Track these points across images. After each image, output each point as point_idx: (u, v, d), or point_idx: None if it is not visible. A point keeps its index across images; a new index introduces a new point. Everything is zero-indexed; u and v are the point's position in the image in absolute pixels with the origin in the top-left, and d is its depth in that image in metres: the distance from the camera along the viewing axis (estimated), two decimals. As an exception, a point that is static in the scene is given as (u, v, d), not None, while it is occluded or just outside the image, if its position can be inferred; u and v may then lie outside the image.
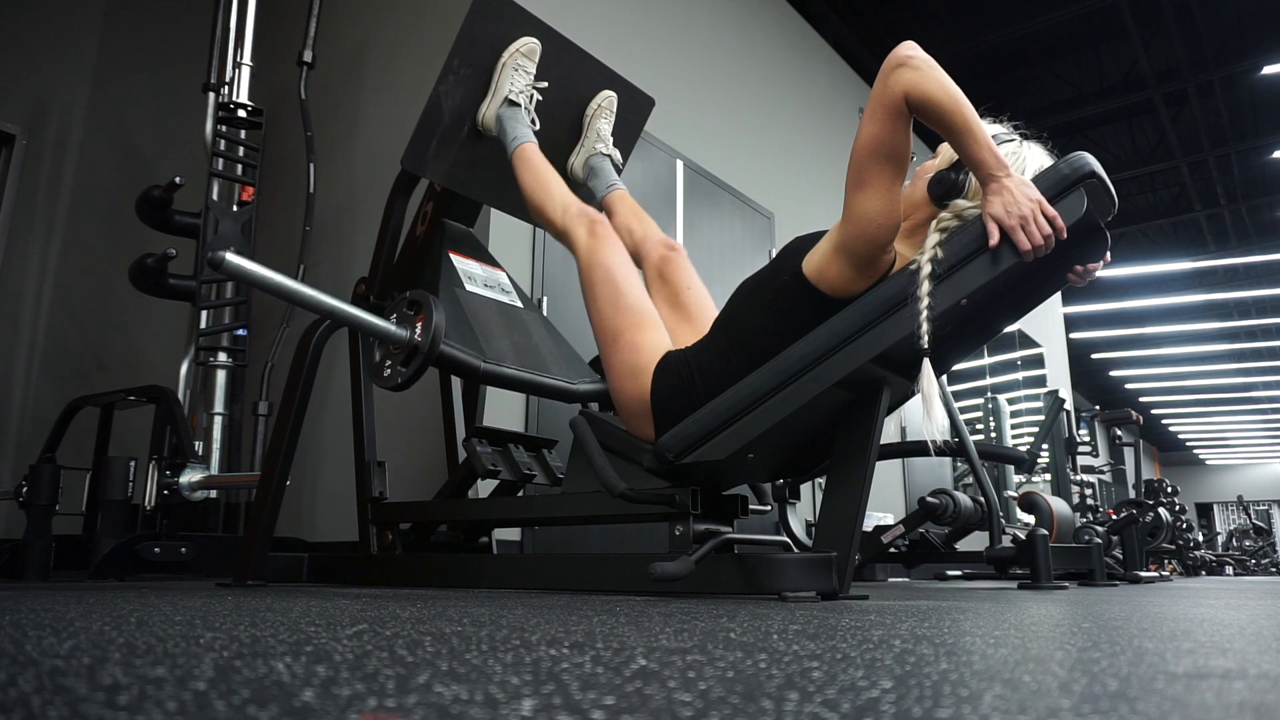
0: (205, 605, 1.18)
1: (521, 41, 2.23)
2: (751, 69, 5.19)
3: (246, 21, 3.62)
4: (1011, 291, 1.68)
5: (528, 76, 2.24)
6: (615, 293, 1.83)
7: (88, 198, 4.00)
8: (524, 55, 2.23)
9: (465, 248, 2.48)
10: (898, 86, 1.50)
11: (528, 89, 2.24)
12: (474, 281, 2.39)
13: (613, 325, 1.82)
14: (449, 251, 2.40)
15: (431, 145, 2.20)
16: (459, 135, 2.24)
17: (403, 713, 0.40)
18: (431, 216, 2.46)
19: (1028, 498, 4.67)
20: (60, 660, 0.55)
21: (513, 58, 2.22)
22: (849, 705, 0.44)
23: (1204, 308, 13.39)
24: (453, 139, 2.23)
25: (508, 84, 2.21)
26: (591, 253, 1.88)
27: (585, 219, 1.94)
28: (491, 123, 2.22)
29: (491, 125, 2.22)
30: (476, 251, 2.51)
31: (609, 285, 1.84)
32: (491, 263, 2.52)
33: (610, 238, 1.91)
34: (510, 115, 2.19)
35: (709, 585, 1.72)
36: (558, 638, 0.76)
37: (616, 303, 1.83)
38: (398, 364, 1.99)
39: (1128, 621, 1.14)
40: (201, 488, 2.70)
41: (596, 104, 2.44)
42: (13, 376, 3.70)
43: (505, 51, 2.23)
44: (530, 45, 2.24)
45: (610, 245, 1.89)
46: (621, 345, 1.80)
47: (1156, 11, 7.12)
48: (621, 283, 1.84)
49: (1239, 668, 0.64)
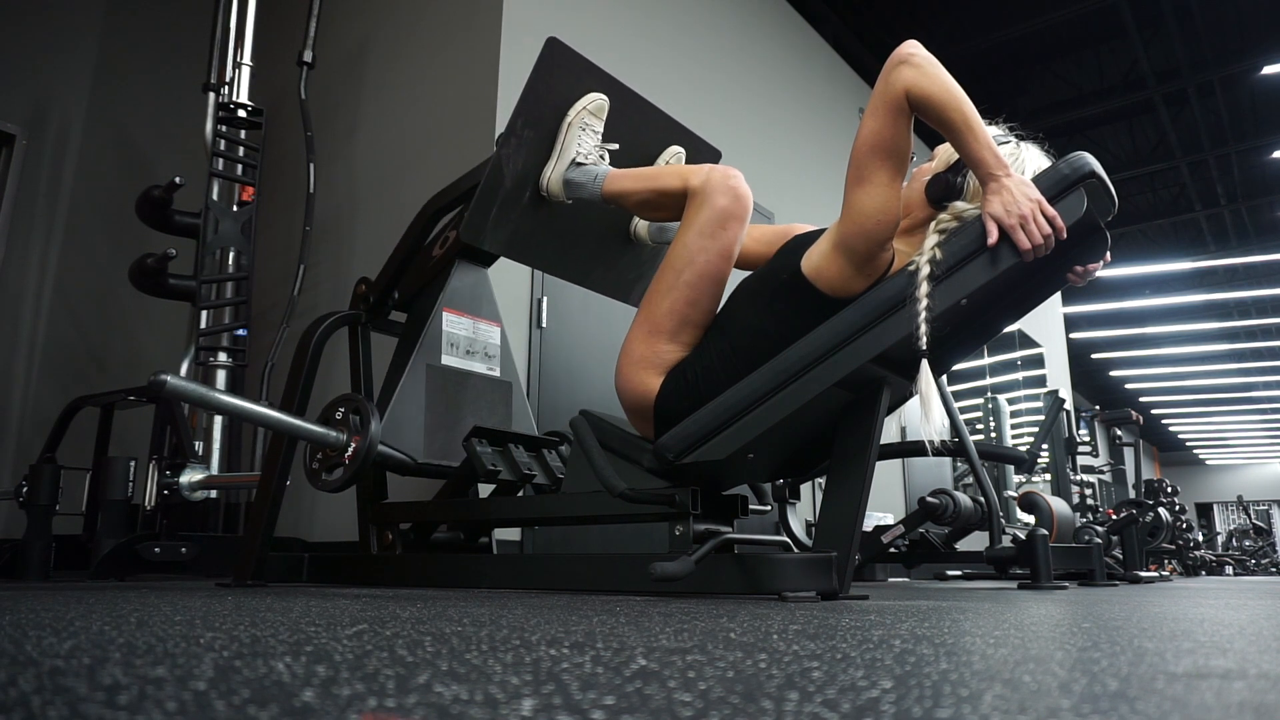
0: (205, 605, 1.18)
1: (589, 99, 2.06)
2: (751, 69, 5.19)
3: (246, 21, 3.62)
4: (1011, 292, 1.68)
5: (596, 136, 2.07)
6: (693, 297, 1.74)
7: (88, 198, 4.00)
8: (591, 113, 2.06)
9: (464, 301, 2.46)
10: (899, 83, 1.51)
11: (596, 150, 2.06)
12: (455, 349, 2.38)
13: (661, 321, 1.75)
14: (444, 309, 2.39)
15: (492, 213, 2.05)
16: (520, 201, 2.08)
17: (403, 713, 0.40)
18: (451, 245, 2.41)
19: (1028, 498, 4.67)
20: (60, 660, 0.55)
21: (579, 116, 2.04)
22: (849, 705, 0.44)
23: (1204, 308, 13.39)
24: (514, 206, 2.07)
25: (574, 145, 2.04)
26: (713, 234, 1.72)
27: (728, 187, 1.75)
28: (558, 187, 2.05)
29: (558, 190, 2.05)
30: (475, 306, 2.49)
31: (695, 288, 1.73)
32: (489, 318, 2.52)
33: (741, 220, 1.75)
34: (579, 173, 2.03)
35: (709, 585, 1.72)
36: (558, 638, 0.76)
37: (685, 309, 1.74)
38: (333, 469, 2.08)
39: (1128, 621, 1.14)
40: (201, 488, 2.70)
41: (664, 160, 2.30)
42: (13, 376, 3.70)
43: (571, 110, 2.05)
44: (599, 102, 2.07)
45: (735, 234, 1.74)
46: (651, 339, 1.76)
47: (1156, 11, 7.12)
48: (706, 292, 1.74)
49: (1239, 668, 0.64)
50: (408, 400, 2.27)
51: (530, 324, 3.32)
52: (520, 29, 3.46)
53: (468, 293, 2.49)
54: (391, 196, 3.61)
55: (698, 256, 1.73)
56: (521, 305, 3.30)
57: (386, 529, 2.32)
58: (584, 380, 3.47)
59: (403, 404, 2.26)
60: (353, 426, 2.04)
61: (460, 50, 3.58)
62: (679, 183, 1.83)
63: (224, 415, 1.91)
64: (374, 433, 2.00)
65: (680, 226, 1.81)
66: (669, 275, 1.75)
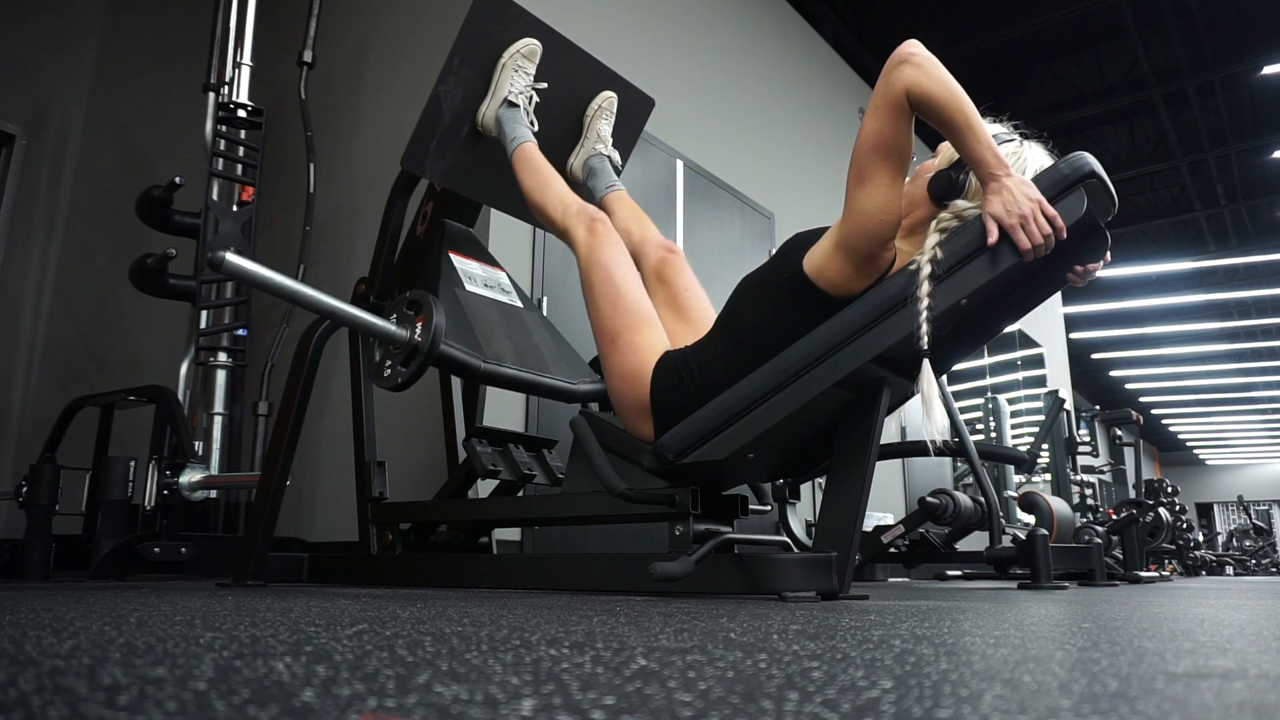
0: (205, 605, 1.18)
1: (522, 42, 2.23)
2: (751, 69, 5.19)
3: (246, 21, 3.62)
4: (1011, 291, 1.68)
5: (527, 77, 2.24)
6: (614, 293, 1.83)
7: (88, 198, 4.00)
8: (524, 56, 2.23)
9: (465, 247, 2.48)
10: (900, 83, 1.51)
11: (527, 90, 2.24)
12: (474, 281, 2.39)
13: (611, 326, 1.82)
14: (449, 251, 2.40)
15: (431, 146, 2.20)
16: (459, 136, 2.24)
17: (403, 713, 0.40)
18: (431, 216, 2.46)
19: (1028, 498, 4.67)
20: (60, 660, 0.55)
21: (513, 58, 2.22)
22: (849, 705, 0.44)
23: (1204, 308, 13.39)
24: (452, 139, 2.23)
25: (507, 85, 2.21)
26: (591, 252, 1.88)
27: (585, 217, 1.94)
28: (491, 123, 2.22)
29: (491, 126, 2.22)
30: (476, 251, 2.51)
31: (608, 286, 1.84)
32: (491, 263, 2.52)
33: (610, 237, 1.91)
34: (509, 116, 2.19)
35: (709, 585, 1.72)
36: (558, 638, 0.76)
37: (615, 303, 1.83)
38: (398, 364, 1.99)
39: (1128, 621, 1.14)
40: (201, 488, 2.70)
41: (596, 105, 2.44)
42: (13, 376, 3.70)
43: (505, 52, 2.22)
44: (530, 46, 2.24)
45: (610, 245, 1.89)
46: (620, 346, 1.80)
47: (1156, 11, 7.12)
48: (620, 283, 1.84)
49: (1239, 668, 0.64)
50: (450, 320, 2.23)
51: (530, 324, 3.32)
52: (520, 29, 3.46)
53: (464, 243, 2.51)
54: (391, 196, 3.61)
55: (596, 275, 1.85)
56: (521, 305, 3.30)
57: (386, 529, 2.32)
58: (584, 380, 3.47)
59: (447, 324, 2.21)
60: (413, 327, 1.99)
61: (460, 50, 3.58)
62: (559, 214, 1.98)
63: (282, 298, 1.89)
64: (438, 324, 1.96)
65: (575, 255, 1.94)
66: (591, 295, 1.87)
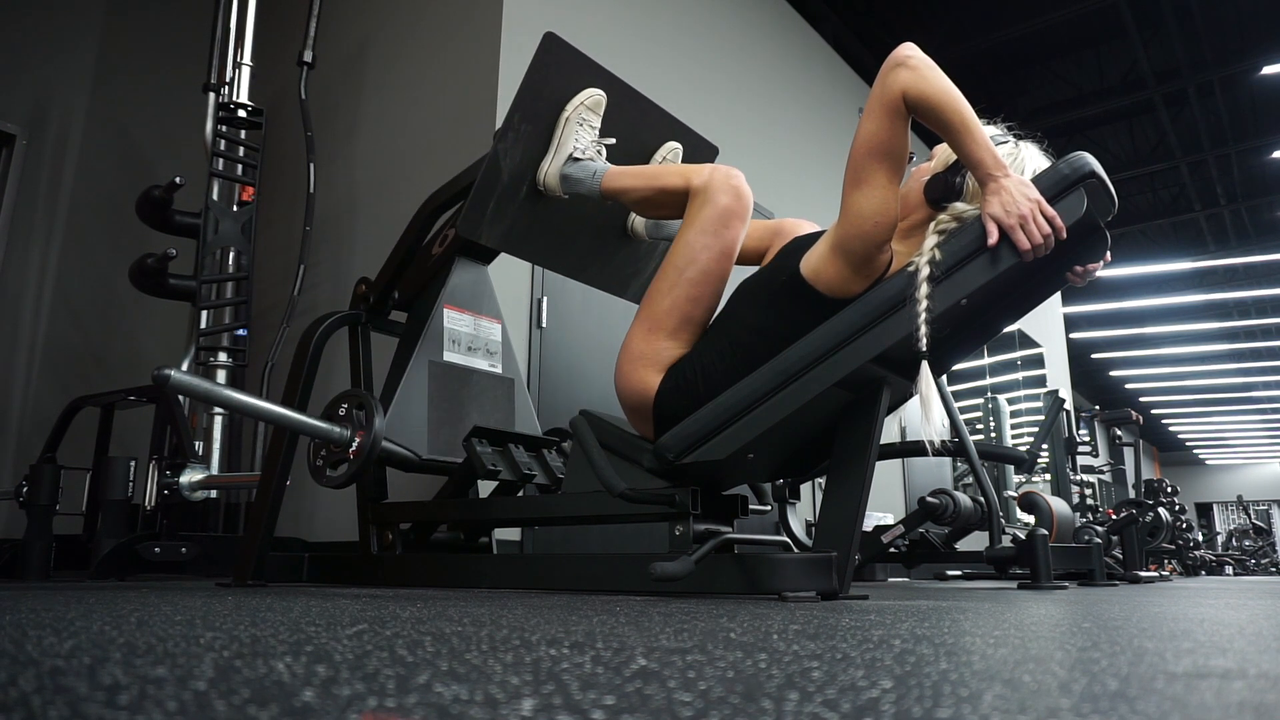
0: (205, 605, 1.18)
1: (586, 94, 2.08)
2: (751, 69, 5.19)
3: (246, 22, 3.62)
4: (1011, 292, 1.68)
5: (593, 132, 2.09)
6: (695, 295, 1.75)
7: (88, 198, 4.00)
8: (588, 109, 2.08)
9: (465, 298, 2.47)
10: (896, 86, 1.51)
11: (593, 145, 2.08)
12: (457, 345, 2.38)
13: (660, 316, 1.76)
14: (445, 306, 2.40)
15: (488, 208, 2.06)
16: (518, 196, 2.09)
17: (403, 713, 0.40)
18: (450, 243, 2.41)
19: (1028, 498, 4.67)
20: (61, 660, 0.55)
21: (577, 112, 2.06)
22: (849, 705, 0.44)
23: (1204, 308, 13.38)
24: (511, 201, 2.09)
25: (571, 140, 2.05)
26: (720, 231, 1.74)
27: (730, 186, 1.77)
28: (555, 182, 2.06)
29: (555, 185, 2.06)
30: (476, 303, 2.49)
31: (697, 285, 1.75)
32: (490, 315, 2.52)
33: (743, 219, 1.76)
34: (577, 169, 2.05)
35: (709, 585, 1.72)
36: (558, 638, 0.76)
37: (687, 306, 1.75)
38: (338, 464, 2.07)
39: (1127, 621, 1.14)
40: (202, 488, 2.70)
41: (661, 156, 2.31)
42: (13, 376, 3.70)
43: (569, 105, 2.07)
44: (596, 98, 2.09)
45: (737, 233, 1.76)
46: (651, 336, 1.77)
47: (1156, 11, 7.12)
48: (708, 290, 1.75)
49: (1239, 668, 0.64)
50: (410, 397, 2.27)
51: (530, 324, 3.32)
52: (520, 29, 3.46)
53: (468, 290, 2.49)
54: (391, 196, 3.61)
55: (700, 255, 1.75)
56: (521, 305, 3.30)
57: (386, 529, 2.32)
58: (584, 380, 3.47)
59: (405, 401, 2.26)
60: (356, 422, 2.04)
61: (460, 50, 3.58)
62: (681, 181, 1.84)
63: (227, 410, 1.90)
64: (378, 428, 2.00)
65: (682, 225, 1.82)
66: (671, 273, 1.77)
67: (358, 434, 2.02)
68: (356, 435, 2.02)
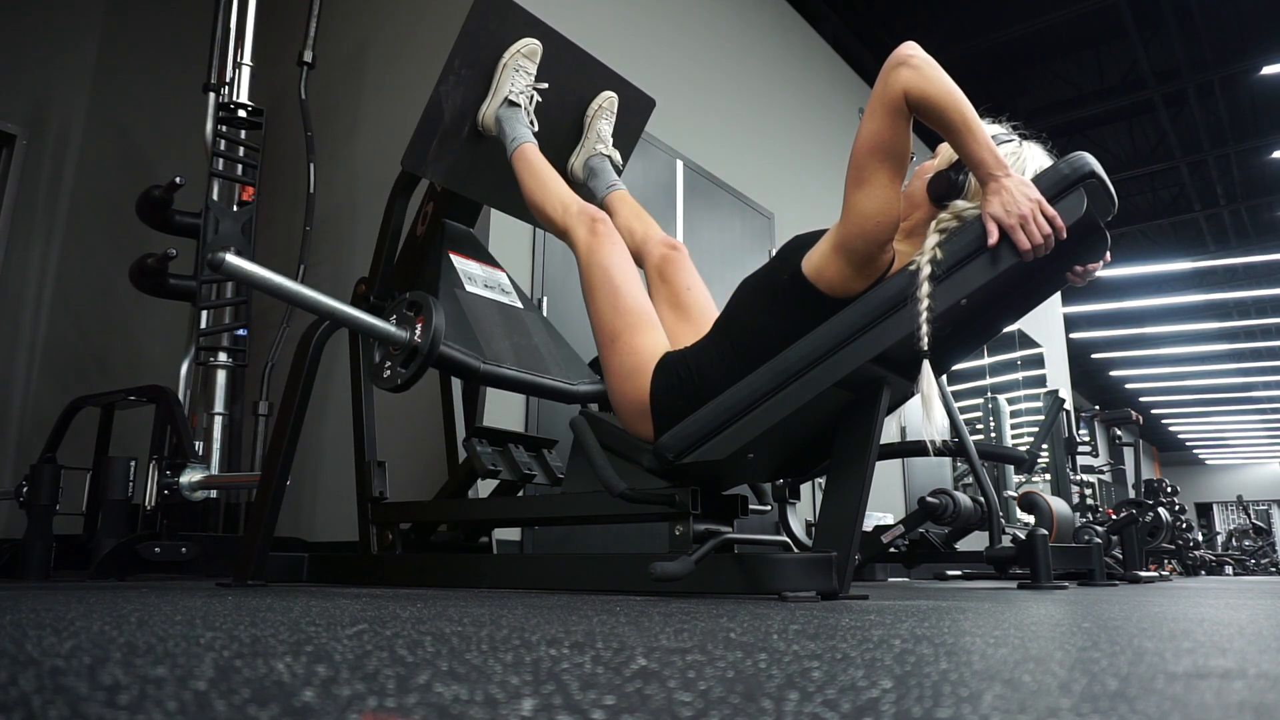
0: (205, 605, 1.18)
1: (522, 42, 2.23)
2: (751, 69, 5.19)
3: (246, 22, 3.62)
4: (1011, 292, 1.68)
5: (528, 77, 2.24)
6: (614, 294, 1.83)
7: (88, 198, 4.00)
8: (524, 56, 2.23)
9: (465, 248, 2.48)
10: (898, 85, 1.51)
11: (528, 90, 2.23)
12: (474, 282, 2.38)
13: (611, 326, 1.82)
14: (449, 252, 2.40)
15: (432, 146, 2.20)
16: (459, 136, 2.23)
17: (403, 713, 0.40)
18: (432, 217, 2.46)
19: (1028, 498, 4.67)
20: (61, 660, 0.55)
21: (513, 58, 2.22)
22: (849, 705, 0.44)
23: (1204, 308, 13.39)
24: (453, 139, 2.23)
25: (508, 85, 2.20)
26: (591, 252, 1.88)
27: (586, 217, 1.94)
28: (491, 123, 2.22)
29: (491, 126, 2.22)
30: (476, 252, 2.51)
31: (608, 287, 1.84)
32: (491, 263, 2.52)
33: (611, 236, 1.91)
34: (510, 116, 2.19)
35: (709, 585, 1.72)
36: (558, 638, 0.76)
37: (615, 304, 1.83)
38: (397, 365, 1.99)
39: (1127, 621, 1.14)
40: (202, 488, 2.70)
41: (597, 105, 2.44)
42: (13, 376, 3.70)
43: (506, 52, 2.22)
44: (531, 46, 2.24)
45: (610, 245, 1.89)
46: (619, 347, 1.80)
47: (1156, 11, 7.12)
48: (620, 284, 1.84)
49: (1239, 667, 0.64)
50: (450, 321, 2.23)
51: (530, 324, 3.32)
52: (520, 29, 3.46)
53: (465, 243, 2.50)
54: (391, 196, 3.61)
55: (596, 275, 1.85)
56: (521, 305, 3.30)
57: (386, 529, 2.32)
58: (584, 380, 3.47)
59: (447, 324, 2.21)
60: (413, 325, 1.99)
61: (460, 50, 3.58)
62: (559, 214, 1.98)
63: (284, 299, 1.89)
64: (438, 324, 1.95)
65: (576, 256, 1.93)
66: (594, 294, 1.86)
67: (417, 336, 1.98)
68: (417, 337, 1.99)
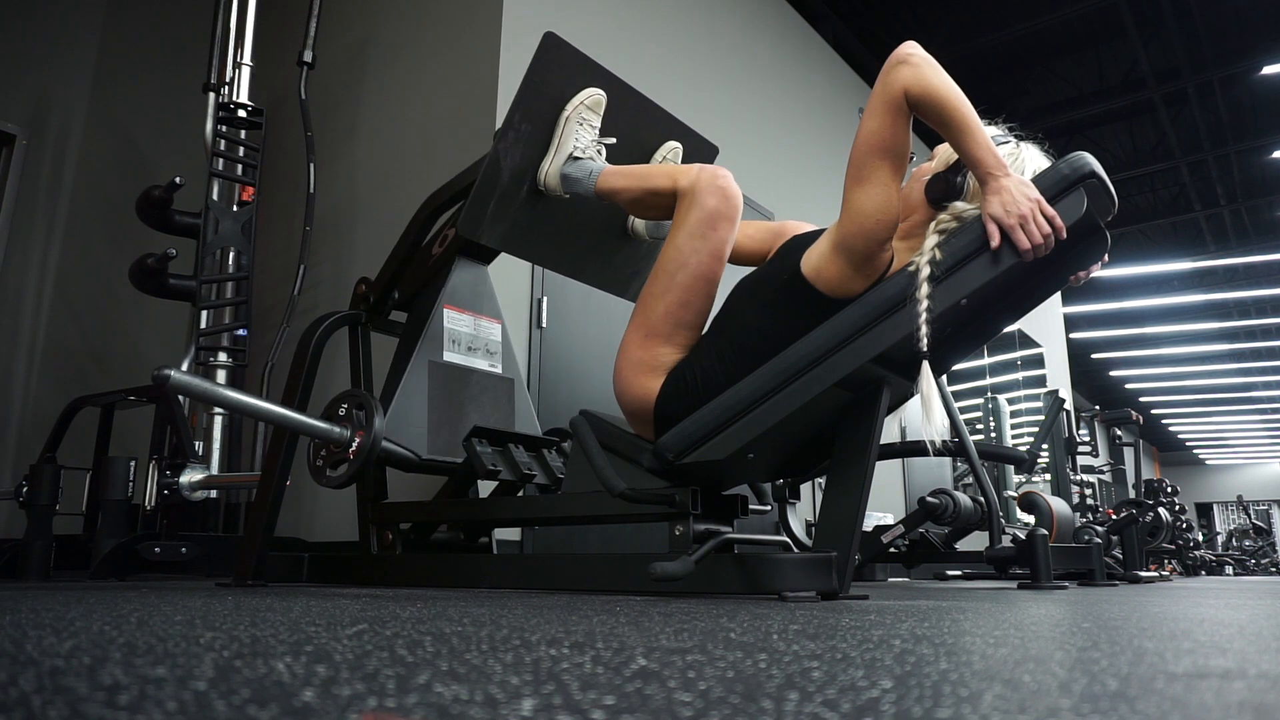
0: (205, 605, 1.18)
1: (586, 93, 2.08)
2: (751, 69, 5.19)
3: (246, 22, 3.62)
4: (1011, 292, 1.68)
5: (593, 131, 2.09)
6: (686, 299, 1.74)
7: (88, 198, 4.00)
8: (588, 108, 2.08)
9: (466, 298, 2.47)
10: (898, 83, 1.51)
11: (593, 145, 2.08)
12: (457, 345, 2.38)
13: (654, 323, 1.75)
14: (445, 306, 2.40)
15: (489, 208, 2.06)
16: (518, 196, 2.09)
17: (403, 713, 0.40)
18: (450, 243, 2.41)
19: (1028, 498, 4.67)
20: (61, 660, 0.55)
21: (576, 111, 2.06)
22: (849, 705, 0.44)
23: (1204, 308, 13.38)
24: (511, 200, 2.09)
25: (571, 140, 2.05)
26: (706, 234, 1.72)
27: (716, 187, 1.75)
28: (555, 182, 2.06)
29: (555, 184, 2.06)
30: (476, 303, 2.49)
31: (688, 290, 1.74)
32: (490, 315, 2.52)
33: (732, 221, 1.75)
34: (576, 168, 2.04)
35: (709, 585, 1.72)
36: (558, 638, 0.76)
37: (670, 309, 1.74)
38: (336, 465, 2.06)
39: (1127, 621, 1.14)
40: (201, 488, 2.70)
41: (661, 156, 2.31)
42: (13, 376, 3.70)
43: (569, 105, 2.07)
44: (596, 97, 2.09)
45: (726, 234, 1.74)
46: (647, 343, 1.77)
47: (1156, 11, 7.12)
48: (699, 293, 1.74)
49: (1239, 668, 0.64)
50: (410, 397, 2.27)
51: (530, 324, 3.32)
52: (520, 28, 3.46)
53: (468, 290, 2.49)
54: (391, 196, 3.61)
55: (689, 258, 1.74)
56: (522, 305, 3.30)
57: (386, 529, 2.32)
58: (584, 380, 3.47)
59: (405, 401, 2.26)
60: (356, 422, 2.04)
61: (460, 50, 3.58)
62: (669, 183, 1.84)
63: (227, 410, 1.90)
64: (378, 428, 2.00)
65: (671, 228, 1.81)
66: (662, 278, 1.76)
67: (358, 434, 2.02)
68: (356, 435, 2.02)
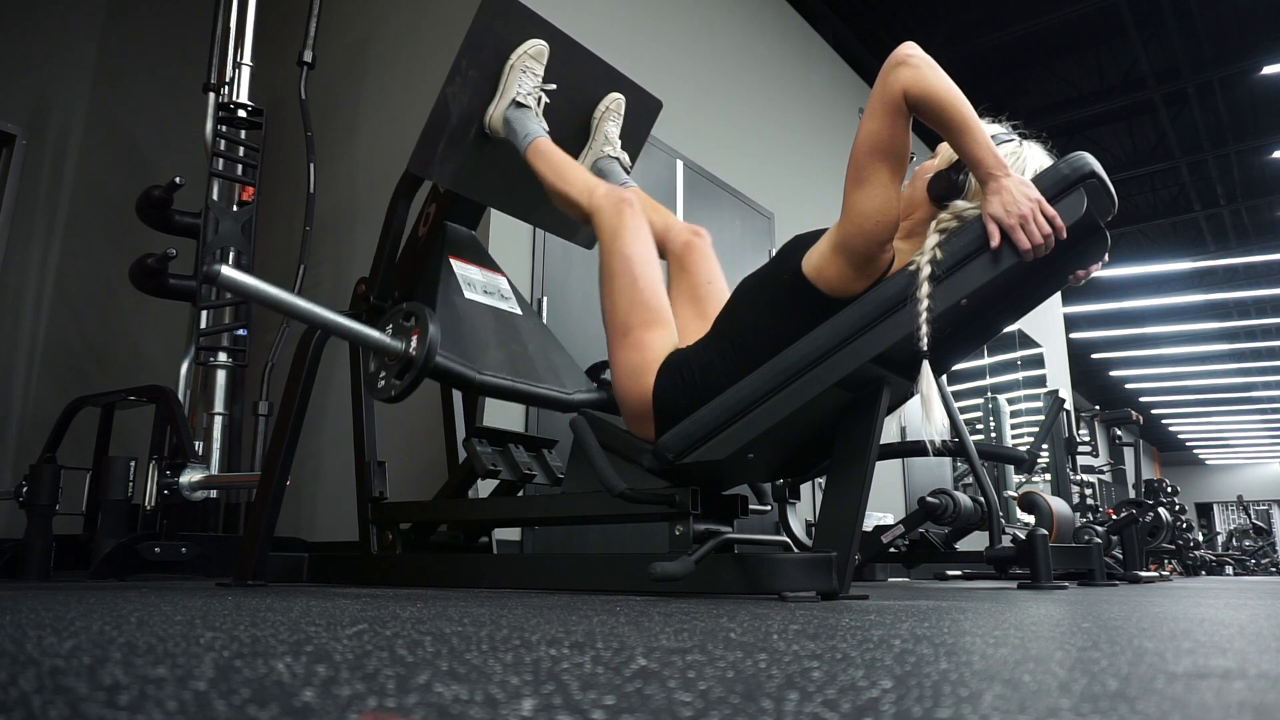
0: (205, 605, 1.18)
1: (529, 44, 2.21)
2: (751, 69, 5.19)
3: (246, 21, 3.62)
4: (1011, 292, 1.68)
5: (535, 79, 2.21)
6: (632, 285, 1.81)
7: (88, 198, 4.00)
8: (531, 57, 2.21)
9: (466, 252, 2.47)
10: (897, 84, 1.51)
11: (535, 91, 2.21)
12: (473, 288, 2.37)
13: (624, 320, 1.80)
14: (450, 256, 2.39)
15: (439, 148, 2.18)
16: (466, 138, 2.22)
17: (403, 713, 0.40)
18: (434, 218, 2.45)
19: (1028, 498, 4.67)
20: (61, 660, 0.55)
21: (520, 59, 2.19)
22: (849, 705, 0.44)
23: (1204, 308, 13.39)
24: (460, 142, 2.21)
25: (515, 86, 2.18)
26: (615, 237, 1.84)
27: (613, 199, 1.89)
28: (499, 125, 2.19)
29: (499, 128, 2.19)
30: (477, 256, 2.51)
31: (626, 276, 1.81)
32: (492, 267, 2.52)
33: (637, 224, 1.86)
34: (519, 116, 2.17)
35: (709, 585, 1.72)
36: (558, 638, 0.76)
37: (632, 296, 1.81)
38: (393, 376, 1.98)
39: (1127, 621, 1.14)
40: (201, 488, 2.70)
41: (604, 106, 2.41)
42: (13, 376, 3.70)
43: (513, 53, 2.19)
44: (538, 47, 2.22)
45: (635, 232, 1.84)
46: (630, 342, 1.79)
47: (1156, 11, 7.12)
48: (640, 275, 1.81)
49: (1239, 667, 0.64)
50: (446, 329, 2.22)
51: (530, 324, 3.32)
52: (520, 29, 3.46)
53: (467, 247, 2.49)
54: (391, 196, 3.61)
55: (625, 261, 1.82)
56: (521, 305, 3.30)
57: (386, 529, 2.32)
58: (584, 380, 3.47)
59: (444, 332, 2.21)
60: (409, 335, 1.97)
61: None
62: (584, 198, 1.94)
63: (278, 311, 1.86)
64: (433, 336, 1.94)
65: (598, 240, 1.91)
66: (611, 282, 1.83)
67: (413, 347, 1.97)
68: (412, 348, 1.98)
